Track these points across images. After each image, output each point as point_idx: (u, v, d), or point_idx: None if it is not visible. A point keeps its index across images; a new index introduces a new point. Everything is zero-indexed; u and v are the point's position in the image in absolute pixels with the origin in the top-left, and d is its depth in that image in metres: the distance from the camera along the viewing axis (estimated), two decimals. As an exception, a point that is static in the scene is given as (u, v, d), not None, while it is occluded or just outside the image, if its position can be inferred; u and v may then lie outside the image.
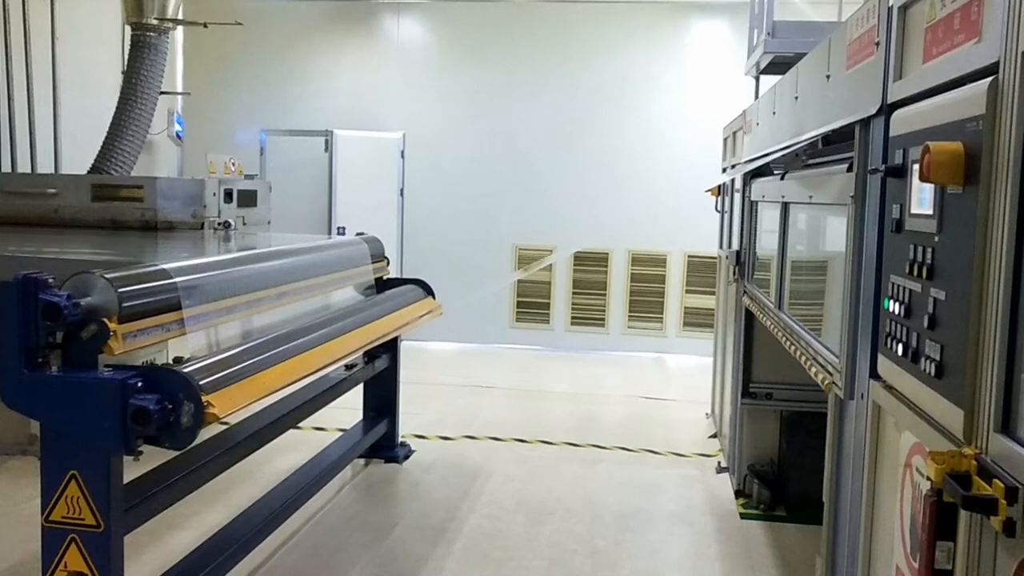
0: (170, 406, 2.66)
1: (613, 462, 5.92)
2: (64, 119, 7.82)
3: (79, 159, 7.45)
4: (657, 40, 9.52)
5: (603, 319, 9.81)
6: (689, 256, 9.50)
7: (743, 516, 4.90)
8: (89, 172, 7.00)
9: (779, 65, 5.39)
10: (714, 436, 6.36)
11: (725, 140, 6.32)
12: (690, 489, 5.38)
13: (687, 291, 9.61)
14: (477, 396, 7.70)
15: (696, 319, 9.47)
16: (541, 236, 9.83)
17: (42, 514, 2.75)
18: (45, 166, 7.66)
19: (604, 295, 9.80)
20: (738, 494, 5.16)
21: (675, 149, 9.39)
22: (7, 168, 7.35)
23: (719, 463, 5.73)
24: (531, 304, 9.92)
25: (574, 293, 9.85)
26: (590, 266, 9.80)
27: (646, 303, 9.74)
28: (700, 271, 9.33)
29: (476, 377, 8.39)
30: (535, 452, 6.09)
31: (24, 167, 7.47)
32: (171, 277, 3.16)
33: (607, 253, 9.75)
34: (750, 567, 4.29)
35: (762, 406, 5.05)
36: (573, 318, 9.87)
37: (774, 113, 4.04)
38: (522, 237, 9.87)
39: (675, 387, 8.21)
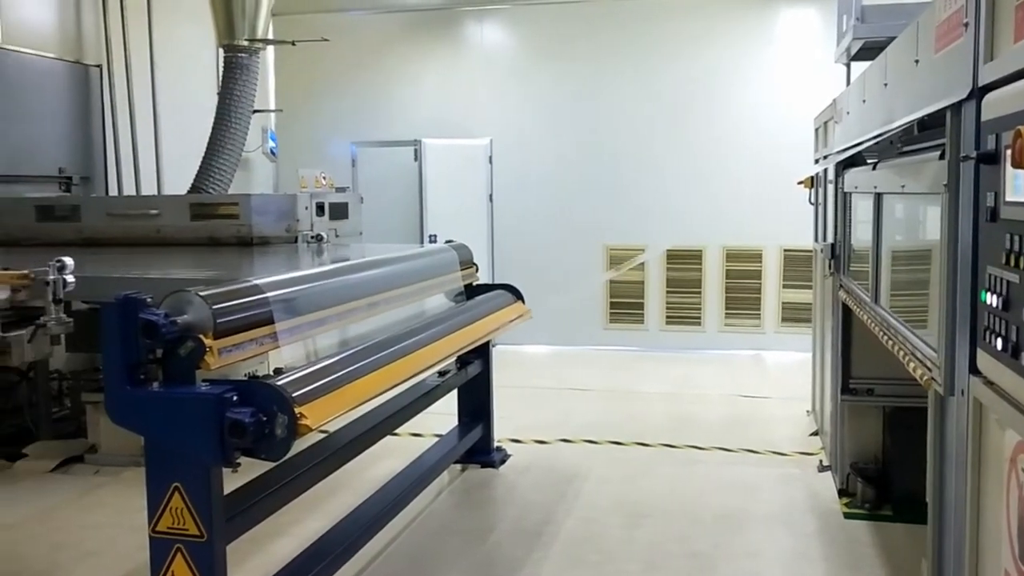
0: (264, 418, 2.73)
1: (711, 462, 5.83)
2: (164, 141, 8.14)
3: (180, 179, 7.74)
4: (744, 32, 9.34)
5: (699, 317, 9.67)
6: (785, 250, 9.29)
7: (847, 516, 4.76)
8: (189, 192, 7.27)
9: (870, 51, 5.23)
10: (815, 434, 6.20)
11: (816, 130, 6.16)
12: (791, 489, 5.26)
13: (784, 286, 9.40)
14: (572, 398, 7.68)
15: (794, 314, 9.25)
16: (632, 235, 9.76)
17: (149, 525, 2.86)
18: (148, 188, 7.99)
19: (699, 293, 9.66)
20: (841, 493, 5.01)
21: (766, 141, 9.19)
22: (114, 191, 7.70)
23: (820, 461, 5.59)
24: (624, 304, 9.85)
25: (668, 292, 9.74)
26: (683, 264, 9.67)
27: (742, 299, 9.56)
28: (797, 265, 9.11)
29: (571, 379, 8.38)
30: (631, 454, 6.05)
31: (129, 190, 7.80)
32: (263, 292, 3.25)
33: (700, 250, 9.61)
34: (854, 568, 4.16)
35: (863, 402, 4.89)
36: (668, 317, 9.76)
37: (864, 101, 3.92)
38: (613, 237, 9.81)
39: (774, 384, 8.03)
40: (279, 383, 2.88)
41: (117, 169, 7.76)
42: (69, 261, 3.02)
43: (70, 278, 3.03)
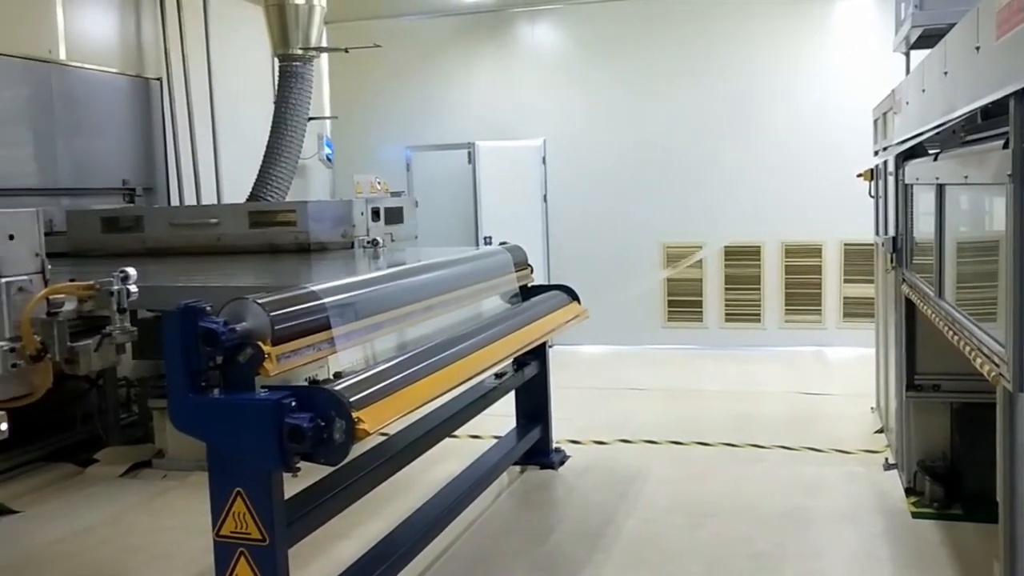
0: (323, 423, 2.76)
1: (773, 461, 5.75)
2: (223, 151, 8.29)
3: (238, 188, 7.88)
4: (800, 24, 9.20)
5: (758, 314, 9.54)
6: (845, 244, 9.12)
7: (915, 515, 4.65)
8: (247, 200, 7.39)
9: (929, 39, 5.10)
10: (880, 431, 6.07)
11: (875, 122, 6.03)
12: (856, 487, 5.16)
13: (845, 280, 9.23)
14: (631, 398, 7.64)
15: (856, 309, 9.07)
16: (689, 232, 9.66)
17: (213, 529, 2.91)
18: (208, 197, 8.15)
19: (758, 289, 9.53)
20: (908, 492, 4.90)
21: (824, 134, 9.03)
22: (175, 202, 7.86)
23: (886, 459, 5.47)
24: (682, 302, 9.76)
25: (727, 289, 9.63)
26: (742, 260, 9.55)
27: (803, 295, 9.41)
28: (858, 259, 8.93)
29: (629, 379, 8.33)
30: (692, 453, 5.99)
31: (190, 199, 7.97)
32: (320, 298, 3.29)
33: (759, 246, 9.48)
34: (923, 570, 4.07)
35: (929, 399, 4.78)
36: (727, 314, 9.64)
37: (923, 91, 3.82)
38: (669, 235, 9.73)
39: (837, 381, 7.89)
40: (336, 388, 2.90)
41: (178, 179, 7.93)
42: (132, 271, 3.09)
43: (133, 288, 3.10)
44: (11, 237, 2.94)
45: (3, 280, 2.90)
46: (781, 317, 9.47)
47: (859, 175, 6.39)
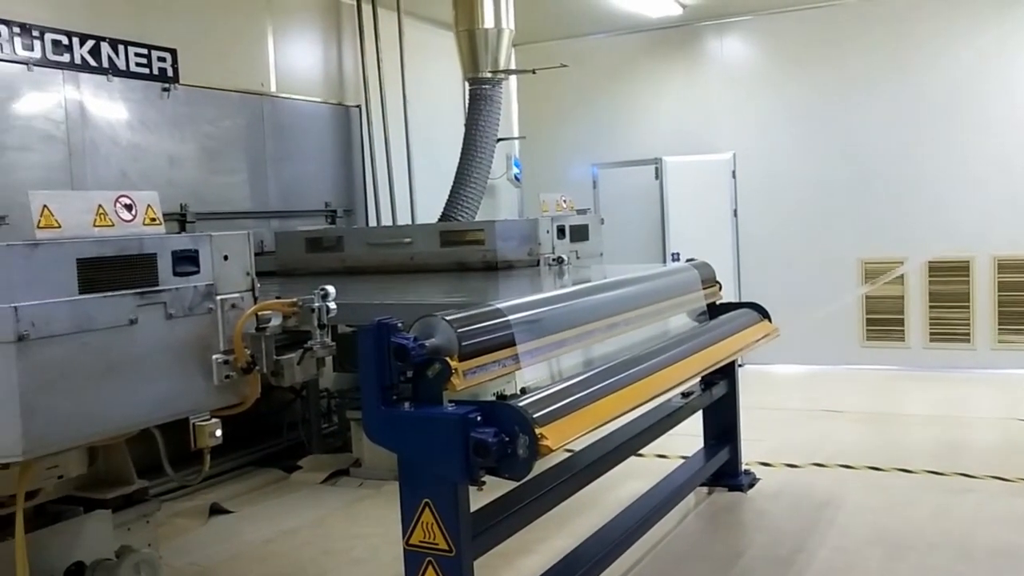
0: (507, 439, 2.81)
1: (984, 492, 5.35)
2: (416, 173, 8.64)
3: (431, 208, 8.18)
4: (1008, 25, 8.57)
5: (967, 334, 8.92)
6: (1068, 258, 8.40)
7: None
8: (439, 220, 7.66)
9: None
10: (1111, 464, 5.53)
11: (1102, 124, 5.53)
12: (1082, 525, 4.72)
13: (1068, 298, 8.50)
14: (826, 421, 7.32)
15: (1082, 329, 8.32)
16: (889, 247, 9.18)
17: (403, 538, 3.02)
18: (403, 217, 8.50)
19: (967, 307, 8.92)
20: None
21: (1043, 140, 8.38)
22: (372, 222, 8.26)
23: (1119, 495, 4.98)
24: (882, 321, 9.27)
25: (931, 307, 9.07)
26: (948, 276, 8.96)
27: (1018, 313, 8.72)
28: (1083, 274, 8.21)
29: (824, 401, 7.98)
30: (891, 481, 5.67)
31: (386, 220, 8.35)
32: (505, 315, 3.35)
33: (967, 260, 8.87)
34: None
35: None
36: (932, 334, 9.07)
37: None
38: (867, 250, 9.27)
39: (1059, 407, 7.26)
40: (521, 404, 2.95)
41: (375, 201, 8.33)
42: (332, 289, 3.26)
43: (333, 305, 3.26)
44: (225, 258, 3.17)
45: (218, 297, 3.13)
46: (994, 337, 8.81)
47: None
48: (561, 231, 6.31)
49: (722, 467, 5.51)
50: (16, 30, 5.50)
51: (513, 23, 7.79)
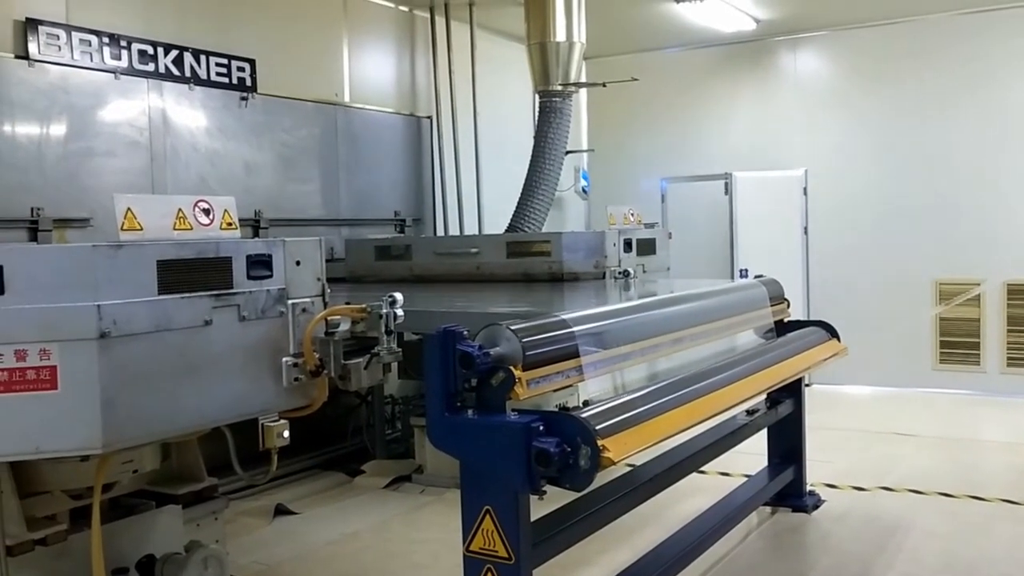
0: (569, 449, 2.82)
1: (1062, 523, 5.19)
2: (485, 184, 8.71)
3: (498, 219, 8.23)
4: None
5: (1048, 359, 8.66)
6: None
7: None
8: (506, 231, 7.71)
9: None
10: None
11: None
12: None
13: None
14: (895, 444, 7.15)
15: None
16: (965, 268, 8.95)
17: (463, 544, 3.05)
18: (470, 227, 8.57)
19: (1048, 332, 8.66)
20: None
21: None
22: (440, 232, 8.35)
23: None
24: (957, 344, 9.03)
25: (1009, 330, 8.81)
26: (1028, 299, 8.72)
27: (1103, 339, 8.45)
28: None
29: (894, 424, 7.79)
30: (963, 508, 5.52)
31: (454, 229, 8.43)
32: (569, 327, 3.37)
33: (1049, 284, 8.62)
34: None
35: None
36: (1009, 358, 8.81)
37: None
38: (942, 270, 9.05)
39: None
40: (583, 415, 2.96)
41: (444, 211, 8.42)
42: (399, 296, 3.31)
43: (400, 312, 3.31)
44: (298, 263, 3.24)
45: (290, 302, 3.21)
46: (1075, 363, 8.53)
47: None
48: (628, 244, 6.30)
49: (786, 487, 5.44)
50: (105, 40, 5.72)
51: (585, 36, 7.82)
